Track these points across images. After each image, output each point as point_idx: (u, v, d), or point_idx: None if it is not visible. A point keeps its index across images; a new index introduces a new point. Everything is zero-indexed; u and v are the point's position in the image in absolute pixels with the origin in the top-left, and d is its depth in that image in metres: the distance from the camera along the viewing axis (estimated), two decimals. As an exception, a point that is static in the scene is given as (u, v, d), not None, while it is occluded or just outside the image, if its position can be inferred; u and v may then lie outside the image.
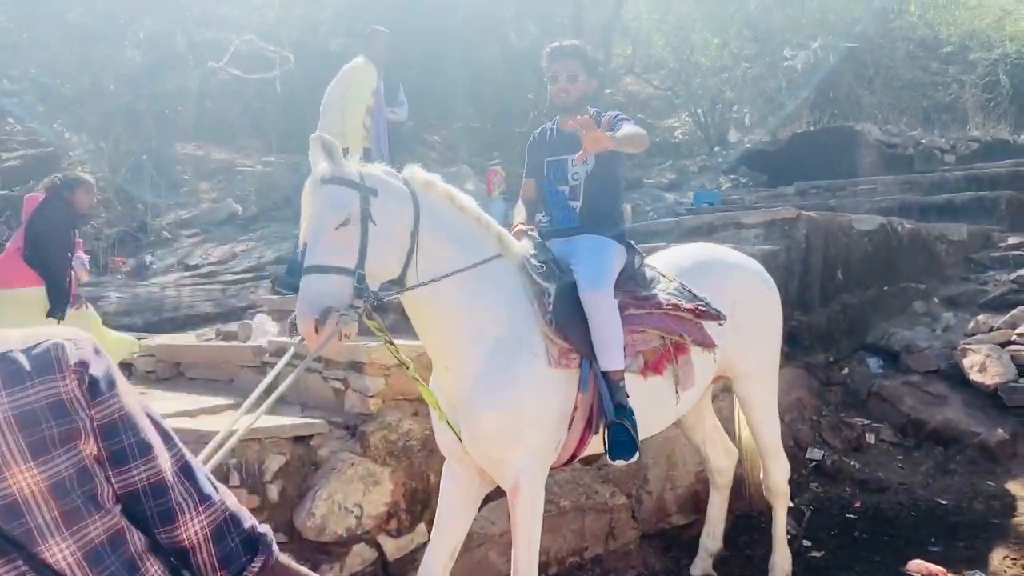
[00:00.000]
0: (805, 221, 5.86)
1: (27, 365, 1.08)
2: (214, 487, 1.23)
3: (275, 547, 1.28)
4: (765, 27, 14.53)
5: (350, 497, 3.66)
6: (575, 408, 3.05)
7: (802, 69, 14.06)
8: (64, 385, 1.09)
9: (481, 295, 2.96)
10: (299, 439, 3.79)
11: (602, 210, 3.40)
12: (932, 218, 7.54)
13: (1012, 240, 7.27)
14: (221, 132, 11.41)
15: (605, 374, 3.03)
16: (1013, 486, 4.75)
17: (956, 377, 5.46)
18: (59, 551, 1.06)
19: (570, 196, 3.40)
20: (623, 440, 3.01)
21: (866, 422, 5.47)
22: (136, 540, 1.14)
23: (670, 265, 3.60)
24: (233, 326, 6.30)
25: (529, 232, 3.34)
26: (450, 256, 2.89)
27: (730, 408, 4.42)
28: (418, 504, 3.96)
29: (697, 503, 4.77)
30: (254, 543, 1.24)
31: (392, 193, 2.79)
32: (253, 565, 1.23)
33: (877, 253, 6.32)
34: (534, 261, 3.15)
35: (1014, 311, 5.72)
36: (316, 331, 2.55)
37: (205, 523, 1.19)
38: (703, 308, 3.37)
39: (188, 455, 1.23)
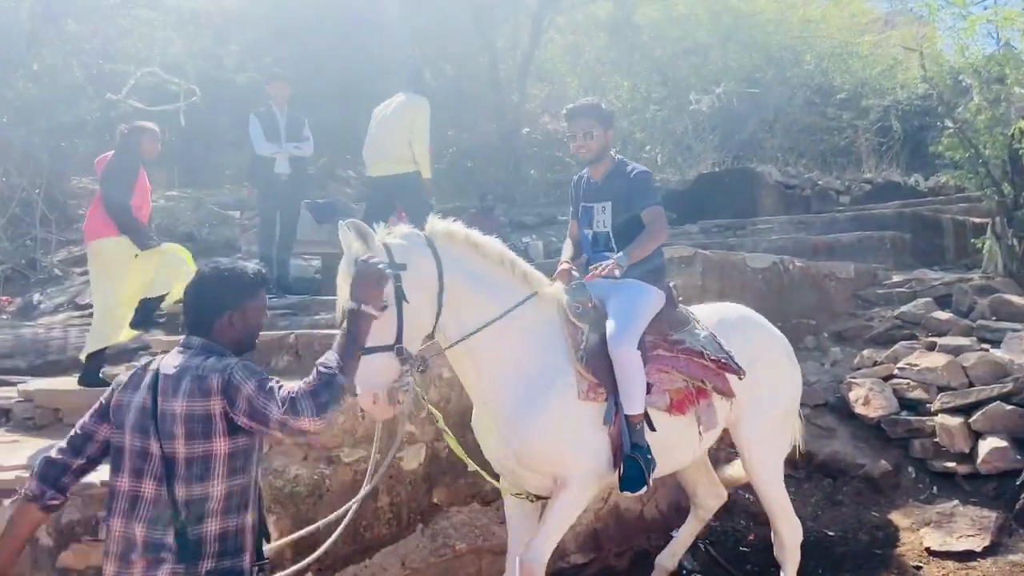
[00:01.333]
0: (701, 259, 6.02)
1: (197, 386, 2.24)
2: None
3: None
4: (672, 72, 15.06)
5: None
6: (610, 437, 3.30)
7: (708, 112, 14.60)
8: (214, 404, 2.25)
9: (513, 339, 3.22)
10: (178, 487, 3.63)
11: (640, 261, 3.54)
12: (823, 257, 7.86)
13: (896, 278, 7.63)
14: (122, 166, 11.04)
15: (628, 416, 3.26)
16: (896, 516, 4.92)
17: (843, 410, 5.65)
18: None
19: (604, 246, 3.65)
20: (635, 475, 3.24)
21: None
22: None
23: (704, 317, 3.80)
24: (121, 369, 6.04)
25: (572, 271, 3.62)
26: (477, 306, 3.15)
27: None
28: (305, 552, 3.83)
29: (597, 541, 4.77)
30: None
31: (418, 262, 3.01)
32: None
33: (770, 290, 6.54)
34: (572, 301, 3.40)
35: (896, 346, 5.98)
36: (374, 403, 2.89)
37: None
38: (725, 361, 3.56)
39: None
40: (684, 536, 4.35)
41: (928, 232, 9.15)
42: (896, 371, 5.68)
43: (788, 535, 3.96)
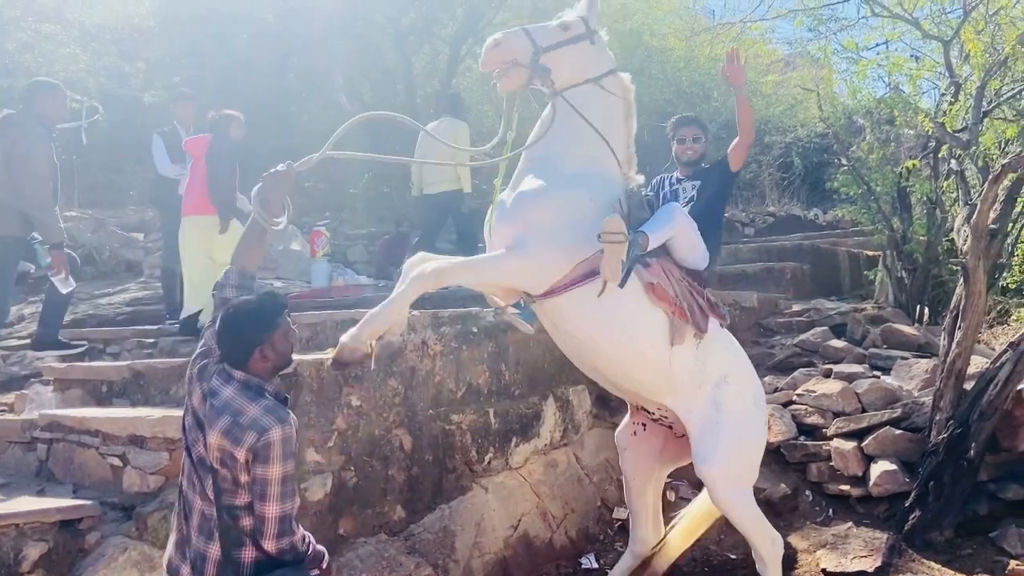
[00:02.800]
0: (611, 288, 6.13)
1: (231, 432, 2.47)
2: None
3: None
4: (587, 103, 15.38)
5: (121, 586, 3.35)
6: None
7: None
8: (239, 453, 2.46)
9: None
10: (65, 524, 3.45)
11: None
12: (729, 286, 8.12)
13: (796, 307, 7.94)
14: (17, 184, 10.53)
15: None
16: (794, 538, 5.07)
17: (745, 436, 5.80)
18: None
19: (687, 200, 4.19)
20: None
21: (668, 480, 5.69)
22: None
23: None
24: (11, 397, 5.73)
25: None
26: None
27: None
28: (203, 589, 3.69)
29: (506, 569, 4.75)
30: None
31: None
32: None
33: (677, 318, 6.70)
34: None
35: (795, 373, 6.21)
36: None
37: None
38: (714, 302, 3.85)
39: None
40: (618, 573, 4.38)
41: (826, 264, 9.59)
42: (795, 397, 5.88)
43: (767, 552, 4.00)
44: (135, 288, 8.71)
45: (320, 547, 2.73)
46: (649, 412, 4.18)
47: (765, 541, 4.00)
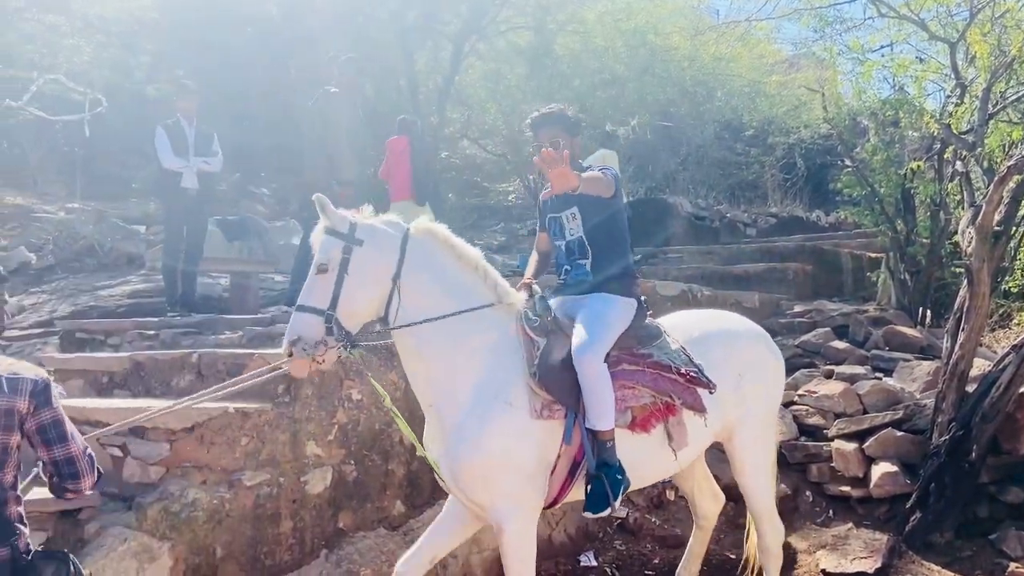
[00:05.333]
0: (613, 286, 6.12)
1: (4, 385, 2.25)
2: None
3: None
4: (590, 102, 15.37)
5: (120, 576, 3.35)
6: (558, 457, 3.19)
7: (623, 144, 14.94)
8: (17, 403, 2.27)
9: (464, 342, 3.16)
10: (65, 513, 3.45)
11: (613, 264, 3.52)
12: (730, 286, 8.10)
13: (797, 308, 7.93)
14: (19, 175, 10.52)
15: (593, 432, 3.17)
16: (794, 539, 5.06)
17: (746, 435, 5.79)
18: None
19: (579, 253, 3.55)
20: (599, 494, 3.15)
21: (666, 479, 5.68)
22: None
23: (679, 329, 3.69)
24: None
25: (533, 285, 3.51)
26: (434, 302, 3.13)
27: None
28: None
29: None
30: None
31: (379, 243, 3.10)
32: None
33: (679, 318, 6.69)
34: (531, 314, 3.32)
35: (796, 374, 6.19)
36: (289, 355, 2.99)
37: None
38: (694, 375, 3.46)
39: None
40: (694, 550, 4.32)
41: (828, 265, 9.57)
42: (796, 398, 5.87)
43: (771, 538, 3.95)
44: (136, 280, 8.71)
45: None
46: None
47: (773, 527, 3.98)
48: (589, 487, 3.19)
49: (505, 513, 3.15)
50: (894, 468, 5.16)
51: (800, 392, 5.87)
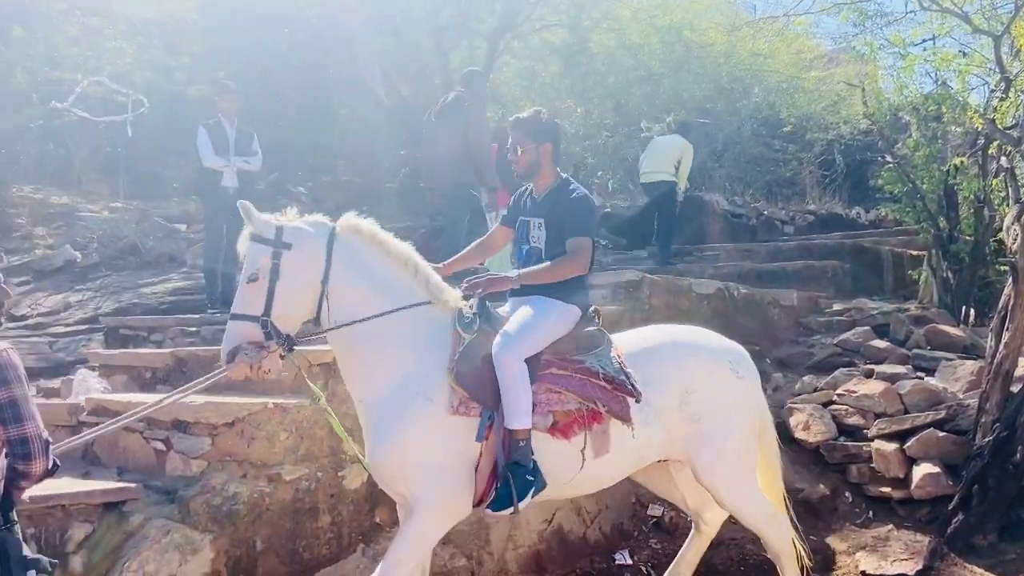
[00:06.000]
0: (648, 284, 6.10)
1: None
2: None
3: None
4: (625, 99, 15.29)
5: (163, 568, 3.43)
6: (481, 455, 3.18)
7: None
8: None
9: (393, 340, 3.17)
10: (109, 506, 3.53)
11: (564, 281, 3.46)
12: (767, 284, 8.01)
13: (837, 307, 7.82)
14: (64, 175, 10.77)
15: (509, 431, 3.15)
16: (833, 540, 5.01)
17: (784, 434, 5.71)
18: None
19: (536, 263, 3.50)
20: (504, 495, 3.12)
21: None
22: None
23: (631, 342, 3.62)
24: (57, 382, 5.87)
25: (440, 269, 3.50)
26: (364, 302, 3.15)
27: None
28: (242, 573, 3.75)
29: (539, 562, 4.76)
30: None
31: (306, 246, 3.11)
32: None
33: (715, 315, 6.63)
34: (465, 311, 3.31)
35: (835, 373, 6.11)
36: (227, 362, 3.02)
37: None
38: (620, 382, 3.37)
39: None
40: (687, 556, 4.13)
41: (868, 263, 9.41)
42: (835, 397, 5.80)
43: (777, 541, 3.85)
44: (177, 278, 8.88)
45: None
46: None
47: (777, 532, 3.86)
48: (498, 485, 3.16)
49: (423, 507, 3.14)
50: (936, 469, 5.07)
51: (839, 391, 5.79)
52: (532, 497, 3.18)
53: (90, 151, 10.98)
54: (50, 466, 2.44)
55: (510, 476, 3.11)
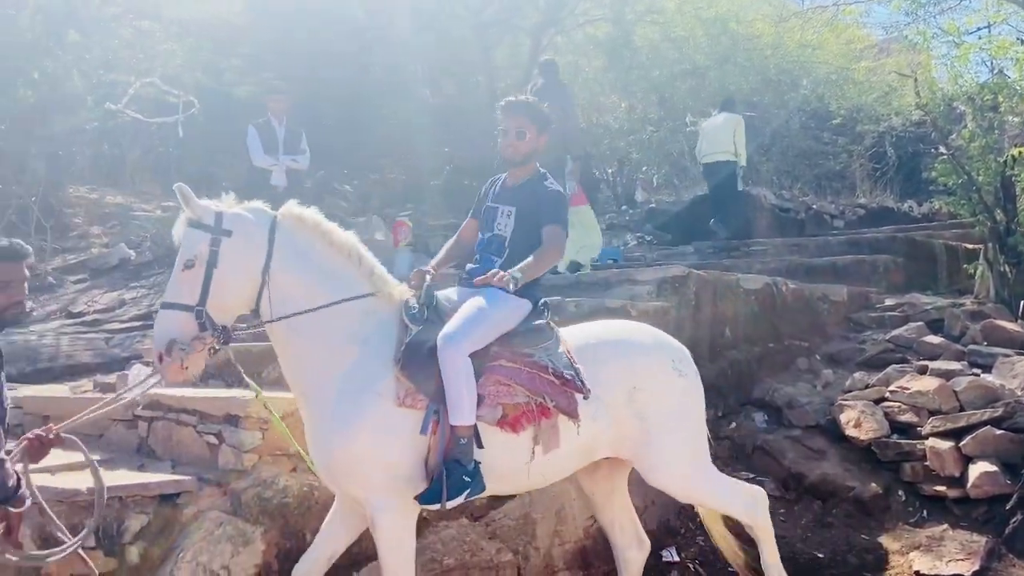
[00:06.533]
0: (695, 279, 6.04)
1: None
2: None
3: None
4: (670, 93, 15.17)
5: (216, 559, 3.49)
6: (429, 449, 3.09)
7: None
8: None
9: (336, 332, 3.08)
10: (165, 497, 3.60)
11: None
12: (817, 279, 7.87)
13: (888, 302, 7.66)
14: (118, 175, 11.06)
15: (451, 427, 3.06)
16: (885, 539, 4.91)
17: (834, 432, 5.65)
18: None
19: (496, 251, 3.46)
20: (435, 490, 3.02)
21: (751, 476, 5.58)
22: None
23: (577, 338, 3.55)
24: (112, 377, 6.01)
25: (428, 273, 3.39)
26: (306, 293, 3.05)
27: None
28: (292, 564, 3.81)
29: (585, 558, 4.75)
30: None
31: (247, 233, 2.99)
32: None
33: (763, 311, 6.55)
34: (412, 302, 3.24)
35: (887, 369, 5.99)
36: (162, 361, 2.89)
37: None
38: (570, 377, 3.29)
39: None
40: None
41: (921, 257, 9.20)
42: (887, 394, 5.68)
43: (745, 512, 3.76)
44: (227, 275, 9.00)
45: (24, 491, 2.59)
46: None
47: (742, 504, 3.78)
48: (432, 479, 3.07)
49: (378, 506, 3.06)
50: (993, 468, 4.93)
51: (892, 388, 5.67)
52: (465, 499, 3.09)
53: (142, 151, 11.26)
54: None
55: (444, 472, 3.03)
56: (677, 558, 4.93)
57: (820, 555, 4.86)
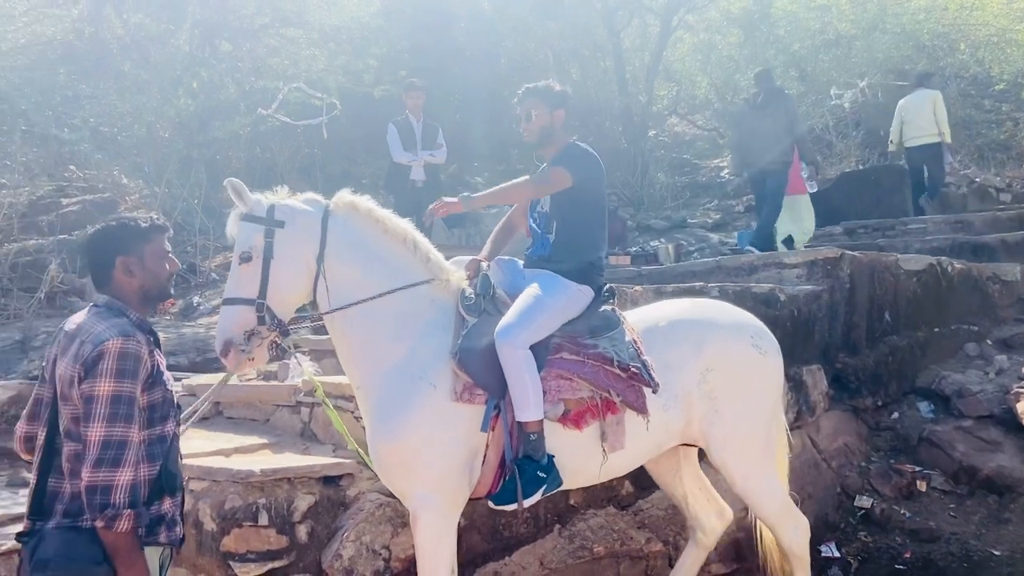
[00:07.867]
0: (849, 261, 5.73)
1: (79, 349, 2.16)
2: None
3: (120, 523, 2.06)
4: (812, 66, 14.46)
5: (377, 539, 3.63)
6: (487, 445, 3.02)
7: (850, 108, 13.91)
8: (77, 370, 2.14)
9: (391, 322, 3.03)
10: (328, 479, 3.78)
11: (576, 244, 3.34)
12: (984, 258, 7.31)
13: (1069, 280, 7.01)
14: (270, 176, 11.65)
15: (519, 423, 2.98)
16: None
17: (1010, 422, 5.24)
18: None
19: (544, 228, 3.42)
20: (510, 489, 2.97)
21: (917, 469, 5.27)
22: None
23: (646, 320, 3.45)
24: (273, 366, 6.35)
25: (482, 263, 3.37)
26: (361, 282, 3.02)
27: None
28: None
29: (738, 551, 4.63)
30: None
31: (300, 223, 2.98)
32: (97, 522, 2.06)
33: (926, 294, 6.14)
34: (467, 292, 3.18)
35: (1071, 354, 5.49)
36: (224, 353, 2.89)
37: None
38: (637, 371, 3.15)
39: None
40: (686, 568, 3.85)
41: (1105, 231, 8.37)
42: (1073, 381, 5.21)
43: (791, 538, 3.55)
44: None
45: (178, 530, 2.35)
46: None
47: (793, 531, 3.56)
48: (505, 478, 2.95)
49: (421, 501, 2.98)
50: None
51: (1077, 375, 5.19)
52: (543, 495, 3.01)
53: (290, 154, 11.82)
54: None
55: (517, 471, 2.95)
56: (837, 553, 4.71)
57: (996, 552, 4.53)
